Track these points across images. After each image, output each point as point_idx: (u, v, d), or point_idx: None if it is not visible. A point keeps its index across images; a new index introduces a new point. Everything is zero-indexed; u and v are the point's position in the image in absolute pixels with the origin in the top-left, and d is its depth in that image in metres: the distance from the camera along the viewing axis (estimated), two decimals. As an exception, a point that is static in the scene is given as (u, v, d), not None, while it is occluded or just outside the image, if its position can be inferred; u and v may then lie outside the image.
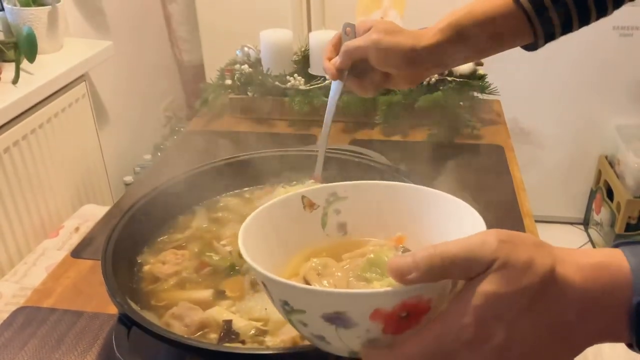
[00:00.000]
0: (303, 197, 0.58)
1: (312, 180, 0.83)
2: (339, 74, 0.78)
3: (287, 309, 0.44)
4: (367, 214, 0.58)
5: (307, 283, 0.51)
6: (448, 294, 0.42)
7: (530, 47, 0.76)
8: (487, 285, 0.38)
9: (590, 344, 0.42)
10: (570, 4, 0.71)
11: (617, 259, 0.41)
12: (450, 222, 0.52)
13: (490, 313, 0.39)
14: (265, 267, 0.45)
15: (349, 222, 0.59)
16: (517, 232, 0.41)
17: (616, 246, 0.43)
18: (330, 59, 0.79)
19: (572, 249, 0.43)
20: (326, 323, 0.42)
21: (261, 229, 0.54)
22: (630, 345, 0.42)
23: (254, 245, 0.50)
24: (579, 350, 0.42)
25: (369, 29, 0.75)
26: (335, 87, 0.80)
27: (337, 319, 0.41)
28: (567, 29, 0.74)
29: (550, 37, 0.75)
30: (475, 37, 0.73)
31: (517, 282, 0.39)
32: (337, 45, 0.80)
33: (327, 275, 0.51)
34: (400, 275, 0.40)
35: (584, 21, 0.73)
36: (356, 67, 0.78)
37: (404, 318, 0.41)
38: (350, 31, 0.79)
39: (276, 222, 0.55)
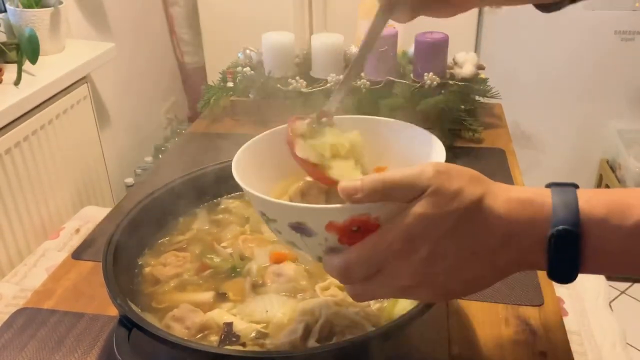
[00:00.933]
0: None
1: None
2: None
3: (264, 218, 0.53)
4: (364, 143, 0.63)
5: (291, 200, 0.58)
6: (392, 212, 0.47)
7: (554, 7, 0.74)
8: (418, 208, 0.45)
9: (512, 270, 0.48)
10: None
11: (543, 196, 0.47)
12: (427, 156, 0.59)
13: (418, 231, 0.45)
14: (255, 186, 0.53)
15: None
16: (456, 166, 0.47)
17: (548, 186, 0.48)
18: None
19: (508, 185, 0.49)
20: (293, 231, 0.50)
21: (257, 154, 0.61)
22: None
23: (248, 168, 0.58)
24: (502, 274, 0.48)
25: None
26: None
27: (300, 229, 0.49)
28: None
29: None
30: None
31: (444, 207, 0.45)
32: None
33: (309, 195, 0.59)
34: (347, 195, 0.46)
35: None
36: None
37: (355, 232, 0.48)
38: None
39: (272, 149, 0.61)
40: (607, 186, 2.20)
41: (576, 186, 0.48)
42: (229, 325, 0.66)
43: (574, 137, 2.26)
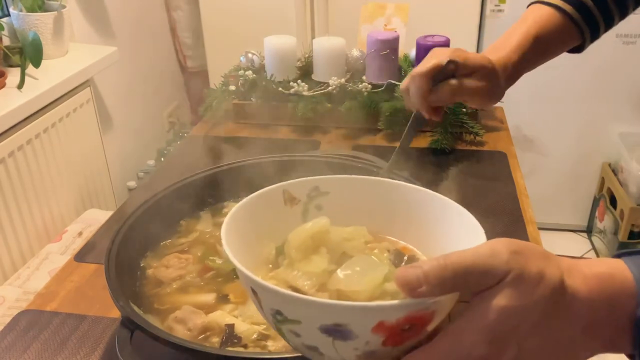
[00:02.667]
0: (284, 191, 0.56)
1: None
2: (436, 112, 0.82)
3: (280, 318, 0.42)
4: (351, 210, 0.55)
5: (294, 288, 0.48)
6: (452, 304, 0.41)
7: (576, 49, 0.81)
8: (501, 300, 0.37)
9: (591, 355, 0.42)
10: (609, 1, 0.77)
11: (620, 269, 0.41)
12: (443, 224, 0.51)
13: (504, 328, 0.38)
14: (247, 264, 0.43)
15: (331, 219, 0.53)
16: (524, 242, 0.40)
17: (617, 256, 0.42)
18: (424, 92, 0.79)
19: (576, 260, 0.42)
20: (323, 335, 0.40)
21: (241, 226, 0.51)
22: (631, 357, 0.42)
23: (236, 243, 0.48)
24: None
25: None
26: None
27: (335, 331, 0.40)
28: (609, 25, 0.79)
29: (595, 36, 0.79)
30: (535, 55, 0.80)
31: (530, 296, 0.38)
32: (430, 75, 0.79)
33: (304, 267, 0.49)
34: (410, 289, 0.38)
35: (623, 14, 0.80)
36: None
37: (406, 330, 0.39)
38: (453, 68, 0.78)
39: (256, 218, 0.53)
40: (610, 190, 2.20)
41: None
42: (231, 326, 0.66)
43: (575, 140, 2.26)
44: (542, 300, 0.38)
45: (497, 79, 0.78)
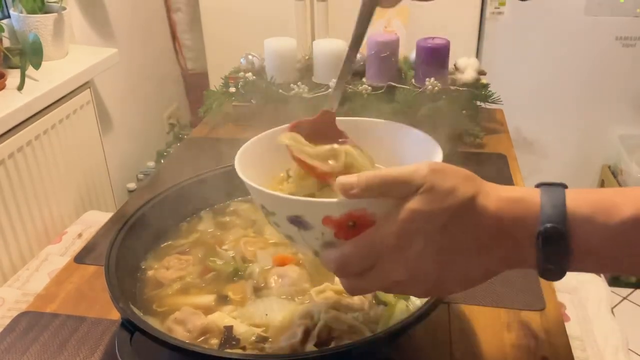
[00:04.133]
0: None
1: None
2: None
3: (265, 211, 0.54)
4: (361, 145, 0.64)
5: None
6: (388, 210, 0.49)
7: None
8: (412, 204, 0.47)
9: (502, 267, 0.50)
10: None
11: (532, 195, 0.48)
12: (423, 157, 0.60)
13: (412, 226, 0.47)
14: (262, 183, 0.54)
15: None
16: (451, 165, 0.49)
17: (537, 186, 0.50)
18: None
19: (500, 185, 0.50)
20: (291, 225, 0.52)
21: (260, 151, 0.64)
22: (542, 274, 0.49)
23: (251, 163, 0.60)
24: (492, 271, 0.50)
25: None
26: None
27: (297, 222, 0.51)
28: None
29: None
30: None
31: (437, 203, 0.46)
32: None
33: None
34: (344, 190, 0.48)
35: None
36: None
37: (352, 227, 0.49)
38: None
39: (276, 146, 0.61)
40: (609, 192, 2.20)
41: (565, 186, 0.49)
42: (229, 328, 0.66)
43: (575, 142, 2.26)
44: (448, 209, 0.46)
45: None
